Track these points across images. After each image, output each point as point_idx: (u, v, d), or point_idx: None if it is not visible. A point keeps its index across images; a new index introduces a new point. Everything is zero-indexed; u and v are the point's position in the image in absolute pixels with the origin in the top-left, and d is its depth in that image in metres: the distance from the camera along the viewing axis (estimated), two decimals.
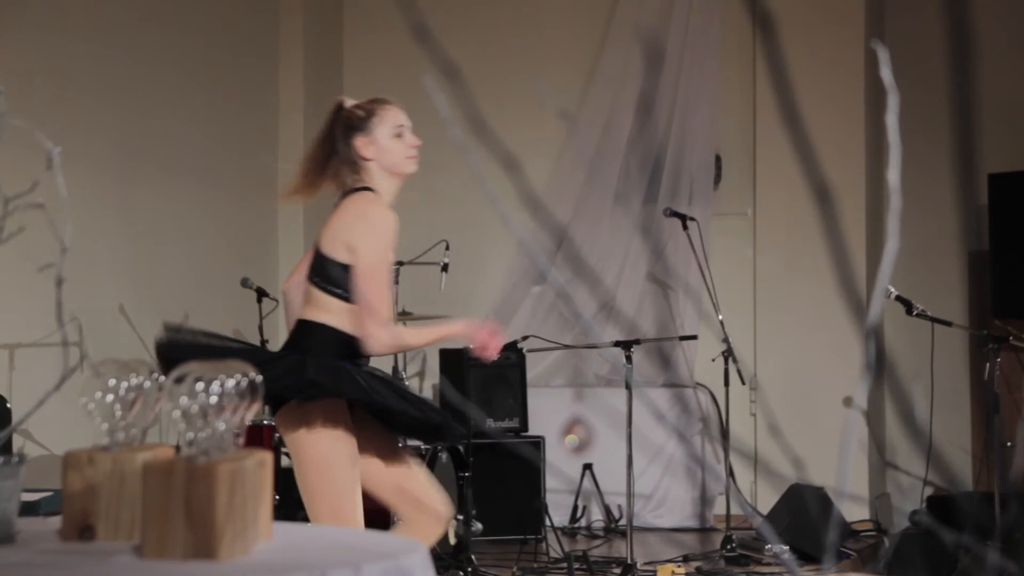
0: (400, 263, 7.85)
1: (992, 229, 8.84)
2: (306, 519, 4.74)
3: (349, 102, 4.68)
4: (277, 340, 9.13)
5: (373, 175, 4.57)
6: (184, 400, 2.26)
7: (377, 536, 2.54)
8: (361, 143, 4.55)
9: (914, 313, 7.37)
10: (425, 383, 9.91)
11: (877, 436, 9.58)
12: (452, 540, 7.71)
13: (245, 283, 8.49)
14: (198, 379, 2.28)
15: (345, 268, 4.41)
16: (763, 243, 9.65)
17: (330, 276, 4.43)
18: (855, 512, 9.09)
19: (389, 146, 4.53)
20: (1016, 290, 8.75)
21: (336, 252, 4.42)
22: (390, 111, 4.60)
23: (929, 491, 8.75)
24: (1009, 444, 7.85)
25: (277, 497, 7.39)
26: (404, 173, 4.58)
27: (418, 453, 7.79)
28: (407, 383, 7.98)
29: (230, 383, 2.30)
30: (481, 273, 9.75)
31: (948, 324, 7.60)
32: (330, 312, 4.43)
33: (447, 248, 7.94)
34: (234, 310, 8.99)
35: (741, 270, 9.57)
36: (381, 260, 4.42)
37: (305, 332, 4.49)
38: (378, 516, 7.32)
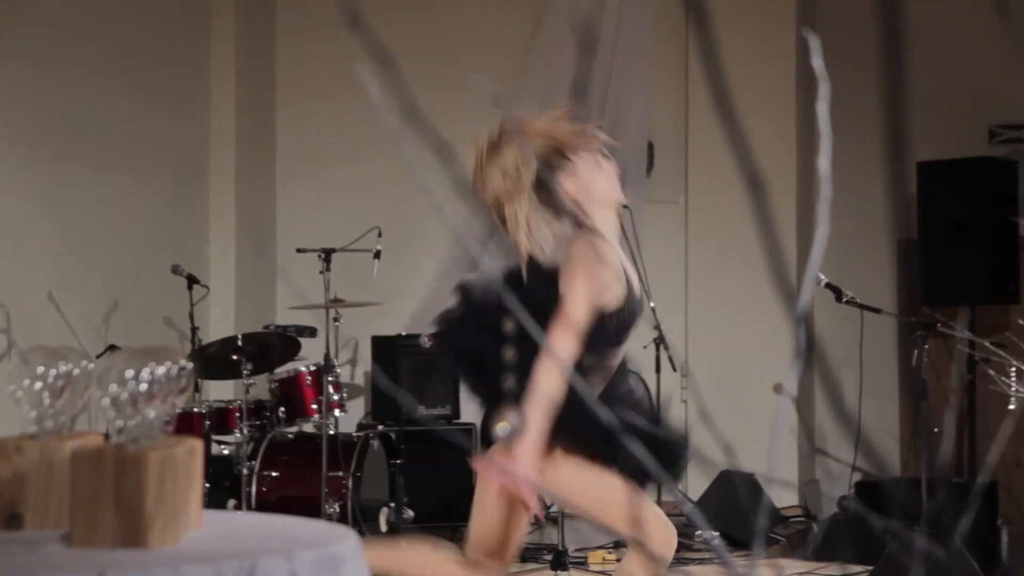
0: (332, 250, 7.83)
1: (921, 217, 8.92)
2: (237, 507, 4.68)
3: None
4: (208, 327, 9.10)
5: None
6: (113, 387, 2.24)
7: (308, 524, 2.52)
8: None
9: (844, 300, 7.42)
10: (357, 371, 9.89)
11: (806, 422, 9.65)
12: (384, 527, 7.71)
13: (176, 270, 8.43)
14: (128, 366, 2.26)
15: None
16: (695, 230, 9.70)
17: None
18: (784, 498, 9.16)
19: None
20: (944, 278, 8.83)
21: None
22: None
23: (857, 477, 8.83)
24: (936, 430, 7.94)
25: (207, 485, 7.36)
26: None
27: (349, 440, 7.78)
28: (339, 371, 7.95)
29: (160, 371, 2.29)
30: (414, 260, 9.73)
31: (877, 311, 7.67)
32: None
33: (380, 235, 7.92)
34: (165, 297, 8.93)
35: (673, 257, 9.61)
36: None
37: None
38: (310, 503, 7.32)
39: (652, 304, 8.21)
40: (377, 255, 7.97)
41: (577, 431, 3.86)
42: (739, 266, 9.10)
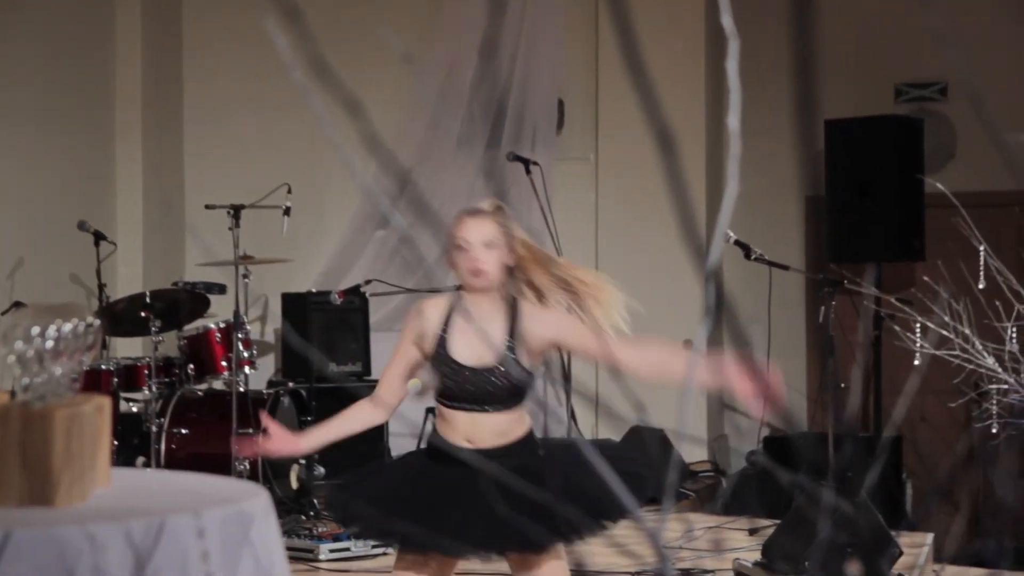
0: (241, 206, 7.76)
1: (828, 174, 9.00)
2: (146, 465, 4.65)
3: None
4: (115, 284, 9.01)
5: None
6: (19, 345, 2.22)
7: (218, 481, 2.51)
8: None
9: (752, 257, 7.47)
10: (267, 327, 9.84)
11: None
12: (294, 484, 7.69)
13: (82, 226, 8.34)
14: (34, 323, 2.24)
15: None
16: (605, 188, 9.72)
17: None
18: (694, 453, 9.24)
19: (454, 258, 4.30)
20: (851, 235, 8.92)
21: None
22: (456, 221, 4.35)
23: (765, 432, 8.92)
24: (843, 386, 8.03)
25: (115, 443, 7.31)
26: (468, 287, 4.27)
27: (259, 398, 7.75)
28: (249, 328, 7.90)
29: (67, 327, 2.26)
30: (324, 217, 9.68)
31: (785, 268, 7.73)
32: None
33: (289, 191, 7.86)
34: (71, 254, 8.83)
35: (583, 215, 9.63)
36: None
37: None
38: (219, 460, 7.29)
39: (563, 261, 8.23)
40: (287, 212, 7.92)
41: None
42: (649, 223, 9.14)
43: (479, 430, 4.19)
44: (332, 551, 6.47)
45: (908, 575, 5.79)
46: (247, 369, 7.69)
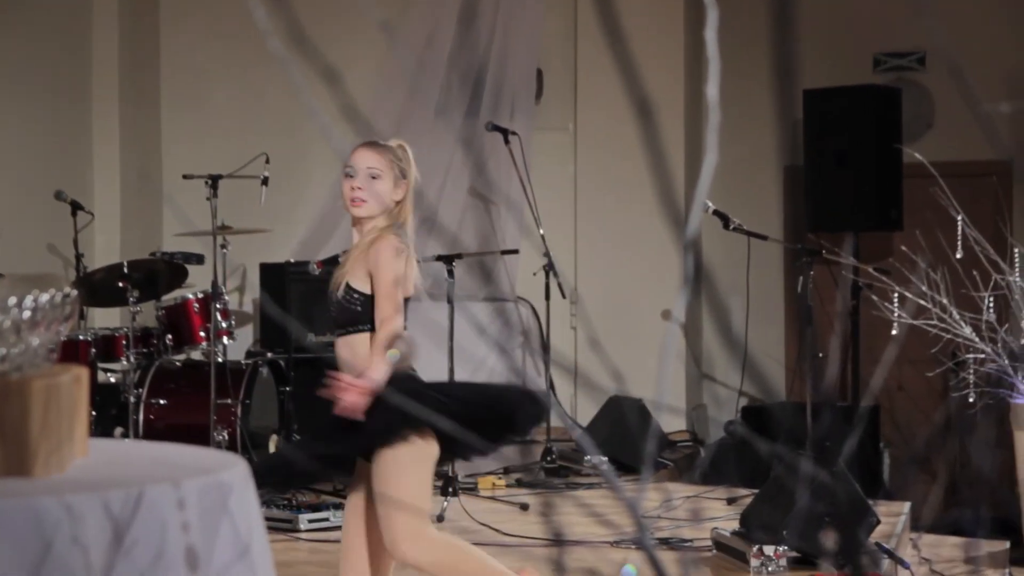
0: (219, 176, 7.74)
1: (807, 144, 9.01)
2: (124, 435, 4.66)
3: None
4: (93, 254, 8.98)
5: None
6: None
7: (197, 452, 2.51)
8: None
9: (731, 227, 7.48)
10: (245, 298, 9.83)
11: (694, 348, 9.75)
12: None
13: (59, 196, 8.31)
14: (10, 294, 2.23)
15: None
16: (584, 158, 9.71)
17: None
18: (672, 423, 9.26)
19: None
20: (829, 204, 8.94)
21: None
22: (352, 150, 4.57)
23: (744, 402, 8.95)
24: (821, 355, 8.05)
25: (93, 413, 7.30)
26: (351, 215, 4.49)
27: (238, 368, 7.74)
28: (227, 299, 7.89)
29: (44, 298, 2.25)
30: (302, 187, 9.66)
31: (764, 238, 7.74)
32: None
33: (267, 161, 7.84)
34: (48, 224, 8.80)
35: (562, 185, 9.63)
36: None
37: None
38: (198, 430, 7.28)
39: (541, 231, 8.23)
40: (265, 181, 7.89)
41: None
42: (628, 193, 9.14)
43: (340, 352, 4.40)
44: (311, 521, 6.47)
45: (886, 544, 5.82)
46: (225, 339, 7.68)
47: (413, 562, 4.27)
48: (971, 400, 6.85)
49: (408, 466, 4.26)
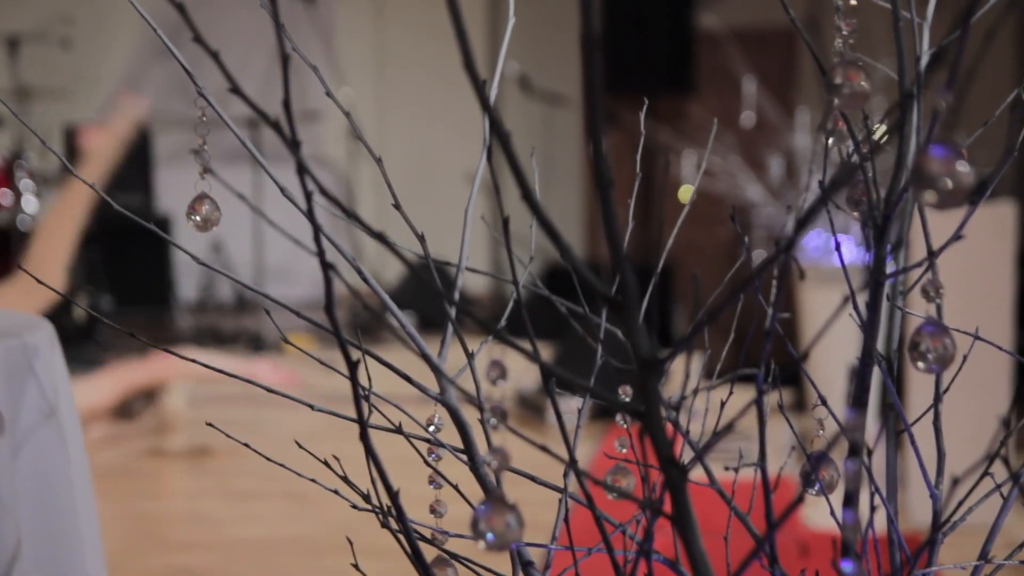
0: (19, 37, 7.56)
1: (605, 5, 9.08)
2: None
3: None
4: None
5: None
6: None
7: (1, 314, 2.50)
8: None
9: (533, 90, 7.56)
10: (50, 158, 9.64)
11: (496, 211, 9.86)
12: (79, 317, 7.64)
13: None
14: None
15: None
16: (391, 21, 9.68)
17: None
18: (476, 282, 9.39)
19: None
20: (627, 66, 9.05)
21: None
22: None
23: (545, 264, 9.10)
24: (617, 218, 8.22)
25: None
26: None
27: None
28: (31, 160, 7.74)
29: None
30: (107, 48, 9.47)
31: (562, 102, 7.84)
32: None
33: (70, 23, 7.68)
34: None
35: (368, 44, 9.60)
36: None
37: None
38: None
39: (349, 88, 8.22)
40: (66, 43, 7.73)
41: None
42: (432, 57, 9.16)
43: None
44: None
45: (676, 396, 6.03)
46: (33, 198, 7.57)
47: None
48: (757, 259, 7.08)
49: None
